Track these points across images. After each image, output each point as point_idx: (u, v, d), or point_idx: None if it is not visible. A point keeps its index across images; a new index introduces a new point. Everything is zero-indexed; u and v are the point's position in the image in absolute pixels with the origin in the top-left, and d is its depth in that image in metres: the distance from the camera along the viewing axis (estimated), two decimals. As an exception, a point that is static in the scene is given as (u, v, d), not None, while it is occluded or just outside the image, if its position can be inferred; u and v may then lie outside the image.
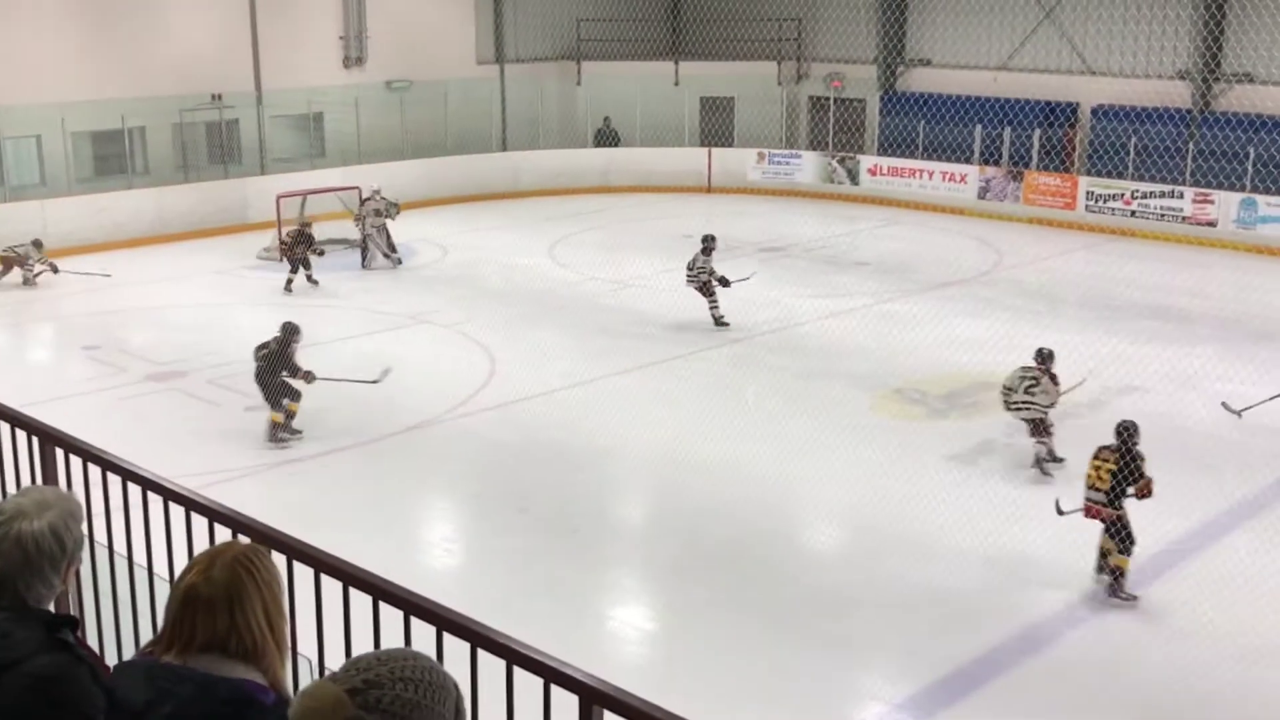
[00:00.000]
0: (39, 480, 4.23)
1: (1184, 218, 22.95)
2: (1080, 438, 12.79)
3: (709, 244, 17.29)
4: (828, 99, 29.34)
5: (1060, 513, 10.07)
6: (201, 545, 3.45)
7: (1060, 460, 12.01)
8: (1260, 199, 22.14)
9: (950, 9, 27.59)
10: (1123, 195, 23.75)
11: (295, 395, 12.63)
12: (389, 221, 20.76)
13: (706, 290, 17.16)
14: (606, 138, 29.59)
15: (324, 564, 3.29)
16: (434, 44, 27.65)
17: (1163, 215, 23.21)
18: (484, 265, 20.91)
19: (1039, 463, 12.02)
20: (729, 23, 29.33)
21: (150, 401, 14.20)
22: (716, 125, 29.64)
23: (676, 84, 29.72)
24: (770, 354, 16.02)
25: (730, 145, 29.14)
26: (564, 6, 29.88)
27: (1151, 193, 23.38)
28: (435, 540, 10.90)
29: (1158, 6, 24.31)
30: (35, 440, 4.30)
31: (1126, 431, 9.68)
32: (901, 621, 9.12)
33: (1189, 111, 23.82)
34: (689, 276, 17.26)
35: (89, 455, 4.06)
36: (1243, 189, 22.51)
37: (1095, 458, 9.70)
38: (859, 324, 17.41)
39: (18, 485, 4.67)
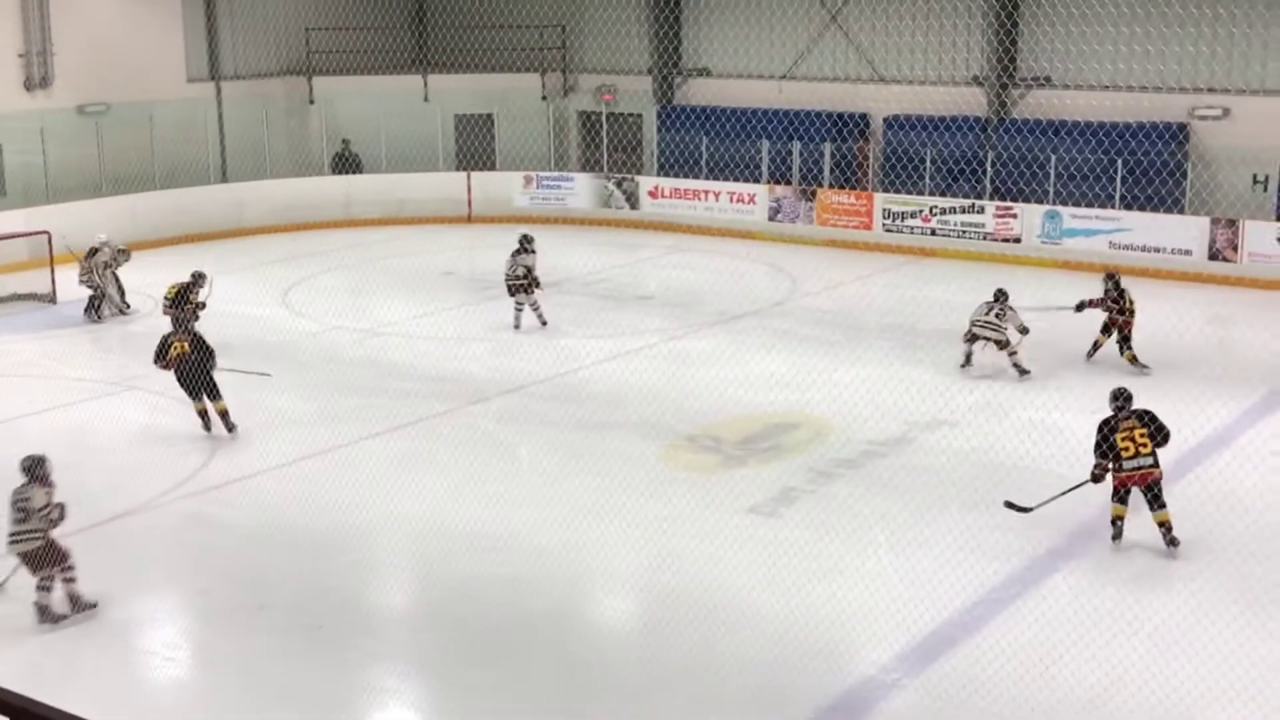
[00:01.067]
0: None
1: (986, 234, 24.18)
2: (890, 478, 13.25)
3: (528, 244, 19.38)
4: (599, 114, 29.78)
5: (1024, 509, 11.74)
6: None
7: (1028, 372, 16.55)
8: (1064, 210, 23.53)
9: (728, 14, 28.47)
10: (921, 212, 24.85)
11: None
12: (118, 270, 20.60)
13: (526, 290, 19.10)
14: (347, 163, 29.21)
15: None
16: (135, 61, 26.79)
17: (964, 232, 24.40)
18: (204, 318, 20.24)
19: (1016, 367, 16.58)
20: (483, 30, 29.48)
21: None
22: (475, 146, 29.68)
23: (426, 100, 29.64)
24: (545, 405, 16.02)
25: (492, 168, 29.22)
26: (290, 14, 29.44)
27: (951, 208, 24.56)
28: (154, 647, 10.37)
29: (948, 9, 25.67)
30: None
31: (1124, 396, 11.57)
32: (712, 695, 9.17)
33: (986, 119, 25.18)
34: (509, 278, 19.17)
35: None
36: (1046, 200, 23.88)
37: (1116, 431, 11.33)
38: (644, 365, 17.61)
39: None
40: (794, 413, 15.38)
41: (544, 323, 19.38)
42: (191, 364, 14.57)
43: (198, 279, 18.05)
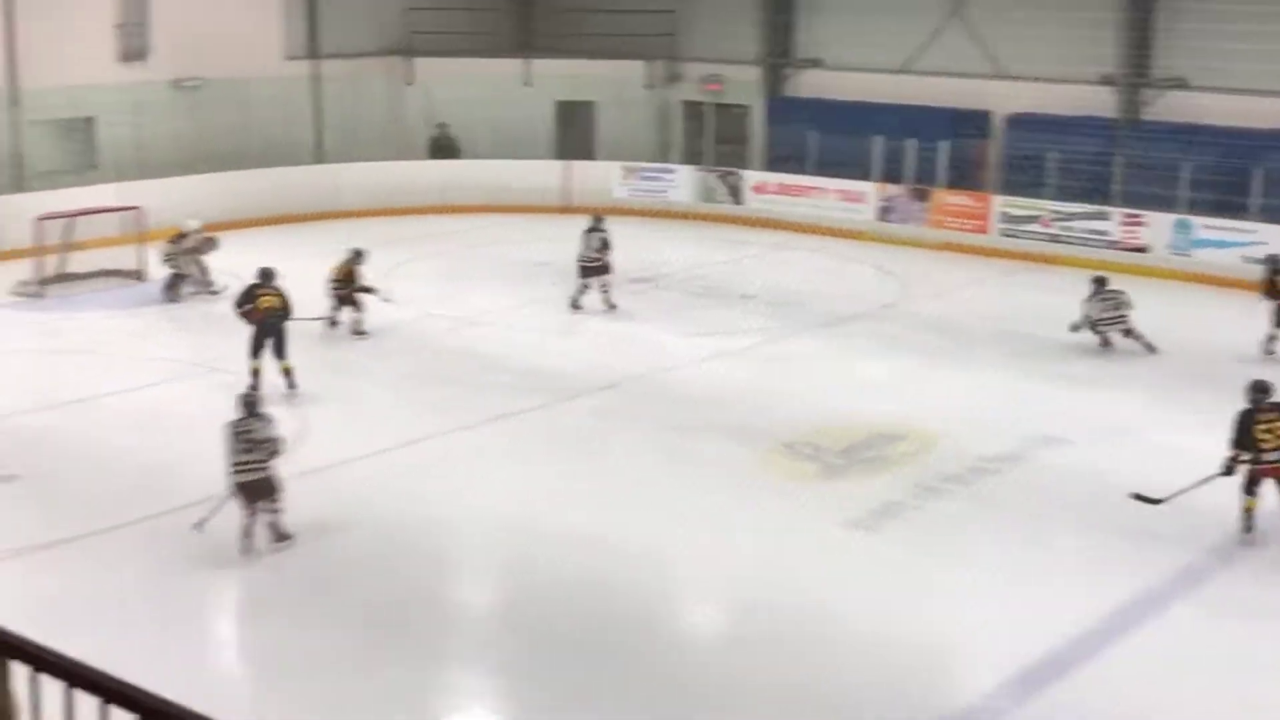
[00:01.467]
0: None
1: (1111, 242, 23.78)
2: (1000, 496, 13.10)
3: (599, 224, 20.08)
4: (705, 105, 29.75)
5: (1155, 501, 12.18)
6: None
7: (1155, 348, 17.52)
8: (1196, 220, 23.06)
9: (844, 2, 28.30)
10: (1040, 216, 24.52)
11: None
12: (204, 256, 21.11)
13: (599, 271, 19.75)
14: (444, 148, 29.49)
15: (79, 676, 3.14)
16: (232, 36, 27.25)
17: (1087, 239, 24.02)
18: (295, 301, 20.55)
19: (1145, 344, 17.59)
20: (589, 15, 29.59)
21: None
22: (576, 134, 29.80)
23: (527, 85, 29.81)
24: (639, 403, 16.05)
25: (592, 158, 29.31)
26: (392, -8, 29.78)
27: (1074, 214, 24.19)
28: (228, 640, 10.57)
29: (1078, 4, 25.29)
30: None
31: (1264, 388, 12.04)
32: (799, 718, 9.13)
33: (1114, 121, 24.76)
34: (585, 259, 19.87)
35: None
36: (1176, 209, 23.42)
37: (1256, 422, 11.65)
38: (743, 367, 17.58)
39: None
40: (899, 423, 15.25)
41: (612, 306, 19.90)
42: (278, 318, 15.73)
43: (358, 256, 18.73)
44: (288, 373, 15.83)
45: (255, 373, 15.66)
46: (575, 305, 20.00)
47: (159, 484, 13.08)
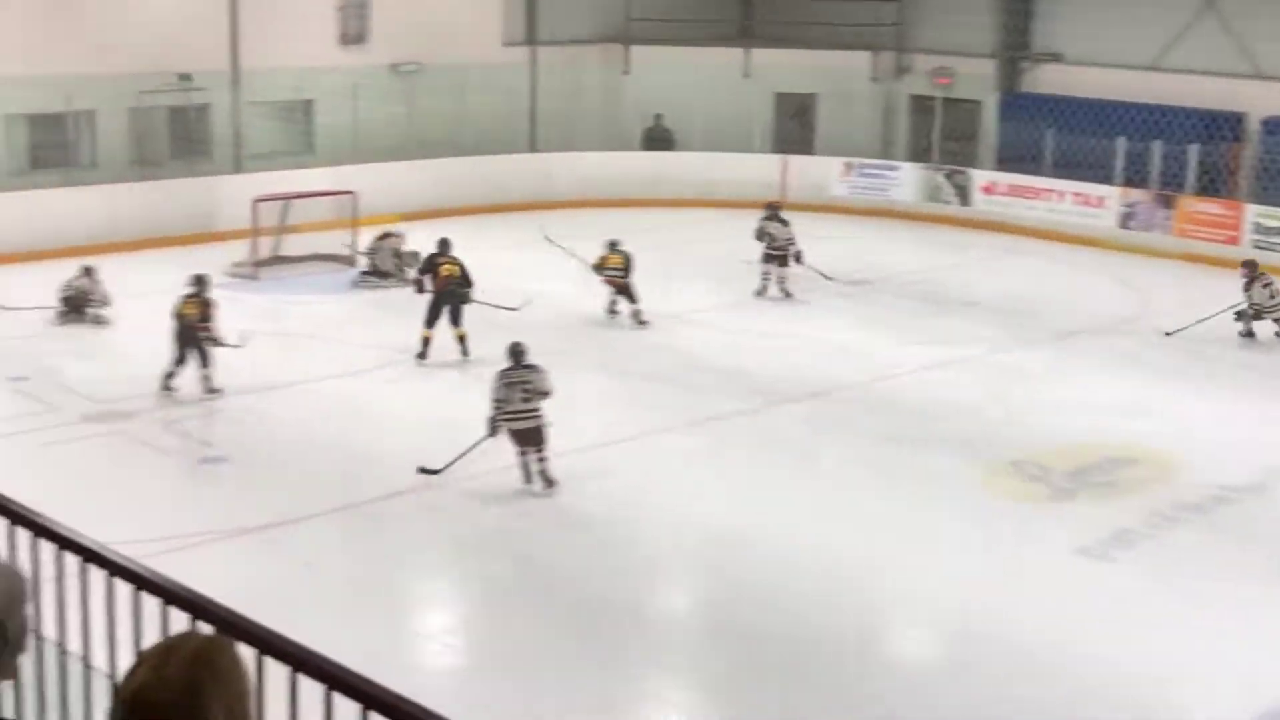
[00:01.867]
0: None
1: (1378, 258, 22.70)
2: (1242, 527, 12.66)
3: (778, 213, 21.60)
4: (933, 99, 29.37)
5: None
6: (152, 634, 3.43)
7: None
8: None
9: (1088, -7, 27.61)
10: (1300, 227, 23.56)
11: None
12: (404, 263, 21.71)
13: (786, 261, 20.76)
14: (658, 139, 29.75)
15: (302, 661, 3.26)
16: (452, 20, 27.92)
17: (1351, 255, 22.97)
18: (503, 291, 21.01)
19: None
20: (814, 3, 29.47)
21: (86, 448, 14.32)
22: (794, 127, 29.72)
23: (746, 75, 29.87)
24: (853, 413, 15.96)
25: (810, 152, 29.22)
26: (611, -22, 30.13)
27: (1337, 226, 23.18)
28: (432, 632, 10.87)
29: (1348, -4, 24.22)
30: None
31: None
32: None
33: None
34: (775, 245, 20.96)
35: (9, 513, 4.06)
36: None
37: None
38: (968, 378, 17.32)
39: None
40: (1134, 446, 14.83)
41: (788, 294, 20.89)
42: (456, 286, 17.04)
43: (613, 246, 19.77)
44: (461, 340, 17.06)
45: (426, 341, 16.99)
46: (761, 293, 20.98)
47: (368, 471, 13.52)
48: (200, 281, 16.12)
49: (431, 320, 17.07)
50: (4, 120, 23.16)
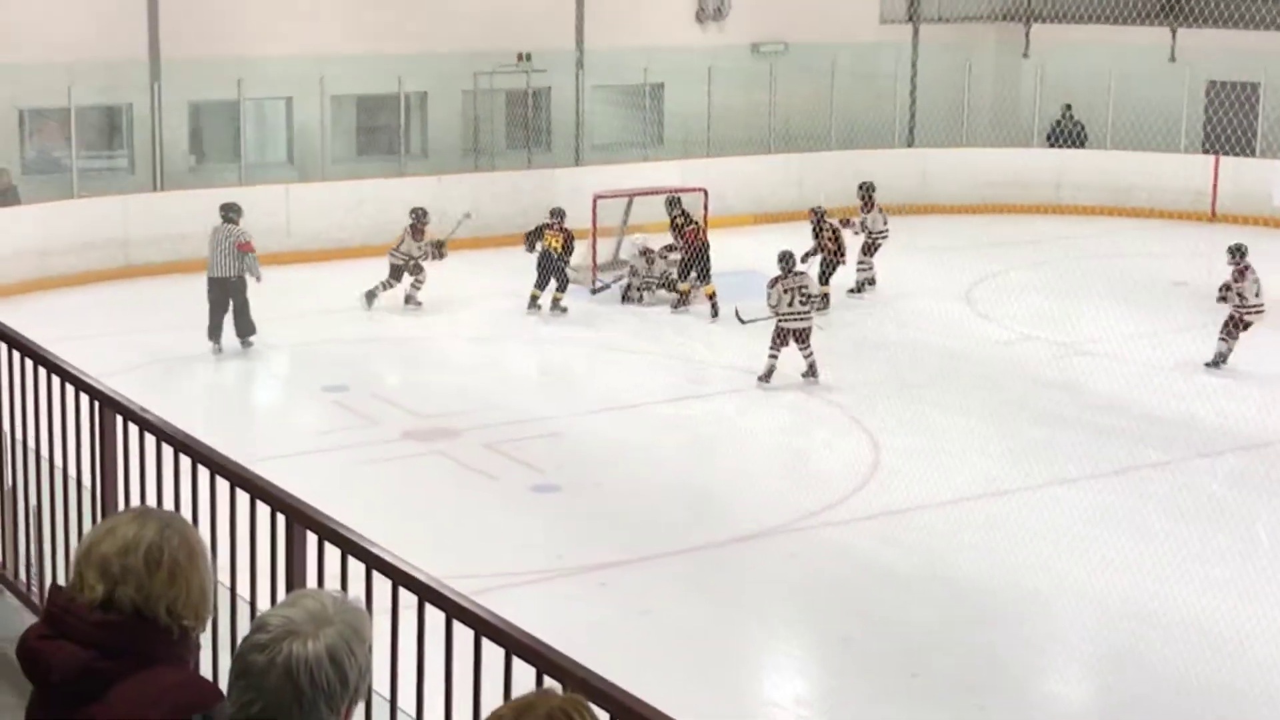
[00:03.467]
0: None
1: None
2: None
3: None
4: None
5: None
6: (465, 671, 3.61)
7: None
8: None
9: None
10: None
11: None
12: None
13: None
14: (1066, 135, 29.17)
15: (629, 710, 3.36)
16: (824, -6, 28.10)
17: None
18: (867, 306, 21.00)
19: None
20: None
21: (408, 467, 15.04)
22: (1230, 123, 28.63)
23: (1172, 60, 28.98)
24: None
25: (1249, 154, 28.14)
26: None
27: None
28: (783, 701, 10.93)
29: None
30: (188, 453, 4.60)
31: None
32: None
33: None
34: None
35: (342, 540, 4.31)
36: None
37: None
38: None
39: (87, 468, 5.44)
40: None
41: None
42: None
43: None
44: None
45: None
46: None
47: (714, 509, 13.76)
48: (559, 214, 20.57)
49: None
50: (331, 102, 24.36)
